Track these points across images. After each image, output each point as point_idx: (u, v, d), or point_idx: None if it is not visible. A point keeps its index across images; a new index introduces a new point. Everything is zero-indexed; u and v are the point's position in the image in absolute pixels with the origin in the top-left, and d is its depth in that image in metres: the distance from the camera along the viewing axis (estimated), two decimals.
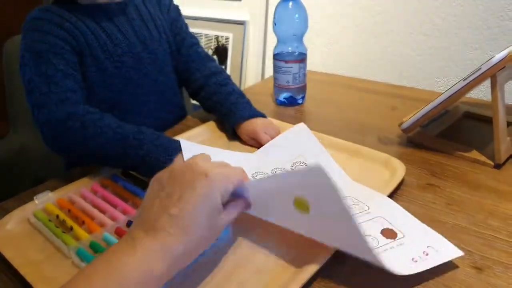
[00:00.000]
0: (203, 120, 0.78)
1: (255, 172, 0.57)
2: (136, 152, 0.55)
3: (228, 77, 0.80)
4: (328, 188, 0.36)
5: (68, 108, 0.57)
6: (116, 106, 0.69)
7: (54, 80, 0.59)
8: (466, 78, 0.59)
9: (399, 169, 0.57)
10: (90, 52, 0.65)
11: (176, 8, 0.81)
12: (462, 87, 0.59)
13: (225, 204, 0.40)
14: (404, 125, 0.67)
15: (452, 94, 0.61)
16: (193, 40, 0.82)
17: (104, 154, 0.56)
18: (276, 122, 0.74)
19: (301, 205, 0.40)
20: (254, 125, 0.68)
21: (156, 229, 0.35)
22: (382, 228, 0.46)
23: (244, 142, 0.70)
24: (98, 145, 0.56)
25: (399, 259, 0.41)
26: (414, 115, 0.66)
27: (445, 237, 0.45)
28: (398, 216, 0.48)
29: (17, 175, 0.90)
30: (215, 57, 1.27)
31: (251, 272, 0.42)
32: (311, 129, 0.70)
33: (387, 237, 0.44)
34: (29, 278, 0.40)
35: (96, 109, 0.59)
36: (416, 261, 0.41)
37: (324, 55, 1.23)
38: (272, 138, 0.66)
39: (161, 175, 0.40)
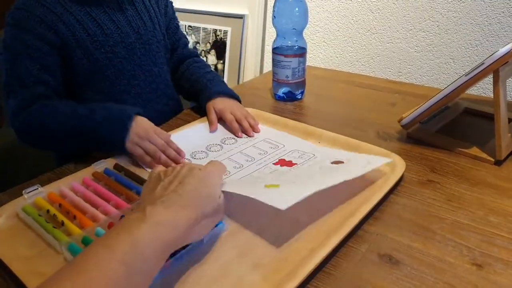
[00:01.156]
0: (202, 114, 0.77)
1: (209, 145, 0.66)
2: (96, 134, 0.58)
3: (207, 64, 0.85)
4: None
5: (26, 113, 0.61)
6: (110, 98, 0.69)
7: (25, 84, 0.61)
8: (469, 73, 0.58)
9: (399, 165, 0.57)
10: (78, 44, 0.64)
11: (172, 5, 0.81)
12: (464, 82, 0.58)
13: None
14: (404, 121, 0.66)
15: (453, 90, 0.60)
16: (185, 40, 0.84)
17: (67, 142, 0.60)
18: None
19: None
20: (224, 103, 0.71)
21: (166, 203, 0.38)
22: (331, 161, 0.56)
23: None
24: (59, 136, 0.60)
25: (351, 168, 0.52)
26: (414, 111, 0.65)
27: (445, 233, 0.46)
28: (338, 153, 0.60)
29: (13, 168, 0.88)
30: (213, 51, 1.26)
31: (249, 266, 0.41)
32: (310, 124, 0.70)
33: (337, 164, 0.55)
34: (20, 274, 0.39)
35: (55, 104, 0.62)
36: (364, 167, 0.52)
37: (323, 50, 1.22)
38: (237, 119, 0.69)
39: (158, 172, 0.44)
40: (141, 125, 0.59)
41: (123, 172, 0.57)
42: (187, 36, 1.25)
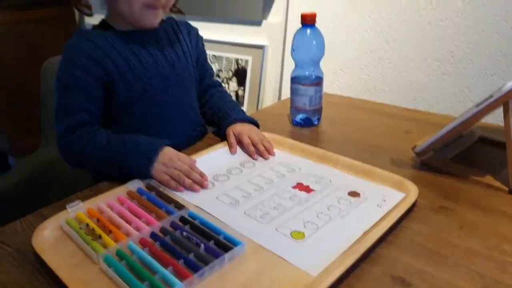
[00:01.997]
0: (222, 139, 0.81)
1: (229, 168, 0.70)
2: (126, 164, 0.65)
3: (229, 94, 0.93)
4: None
5: (69, 137, 0.69)
6: (144, 123, 0.75)
7: (70, 113, 0.69)
8: (479, 105, 0.60)
9: (412, 191, 0.59)
10: (121, 77, 0.71)
11: (202, 39, 0.88)
12: (475, 113, 0.61)
13: None
14: (418, 149, 0.69)
15: (464, 120, 0.62)
16: (211, 71, 0.91)
17: (104, 169, 0.67)
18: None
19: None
20: (242, 127, 0.77)
21: None
22: (347, 191, 0.61)
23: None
24: (96, 164, 0.67)
25: (368, 209, 0.56)
26: (428, 138, 0.67)
27: (457, 259, 0.47)
28: (355, 181, 0.64)
29: (48, 186, 0.94)
30: (234, 78, 1.32)
31: (268, 283, 0.44)
32: (326, 149, 0.73)
33: (354, 197, 0.60)
34: (66, 281, 0.43)
35: (100, 132, 0.69)
36: (380, 206, 0.56)
37: (340, 78, 1.26)
38: (253, 142, 0.75)
39: None
40: (167, 154, 0.66)
41: (155, 192, 0.61)
42: (211, 65, 1.32)
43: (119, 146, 0.66)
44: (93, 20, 0.80)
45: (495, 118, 0.98)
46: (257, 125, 0.81)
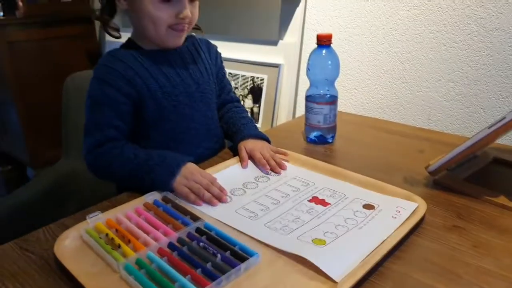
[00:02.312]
0: (236, 153, 0.83)
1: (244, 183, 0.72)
2: (148, 176, 0.68)
3: (245, 109, 0.95)
4: None
5: (98, 150, 0.72)
6: (170, 137, 0.78)
7: (100, 128, 0.72)
8: (491, 126, 0.61)
9: (421, 206, 0.60)
10: (150, 95, 0.75)
11: (221, 56, 0.92)
12: (487, 134, 0.61)
13: None
14: (431, 168, 0.69)
15: (477, 141, 0.62)
16: (230, 87, 0.94)
17: (128, 180, 0.70)
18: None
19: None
20: (254, 144, 0.79)
21: None
22: (362, 204, 0.62)
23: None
24: (122, 175, 0.71)
25: (384, 220, 0.58)
26: (441, 158, 0.68)
27: (470, 278, 0.48)
28: (368, 194, 0.65)
29: (67, 196, 0.98)
30: (250, 95, 1.35)
31: None
32: (339, 166, 0.74)
33: (369, 209, 0.61)
34: (88, 287, 0.46)
35: (127, 147, 0.73)
36: (395, 218, 0.58)
37: (354, 97, 1.28)
38: (264, 157, 0.77)
39: None
40: (189, 168, 0.68)
41: (171, 204, 0.63)
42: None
43: (145, 159, 0.69)
44: (112, 38, 0.84)
45: (511, 140, 0.99)
46: (268, 142, 0.83)
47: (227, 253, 0.51)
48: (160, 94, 0.75)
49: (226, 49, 1.35)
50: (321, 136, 0.90)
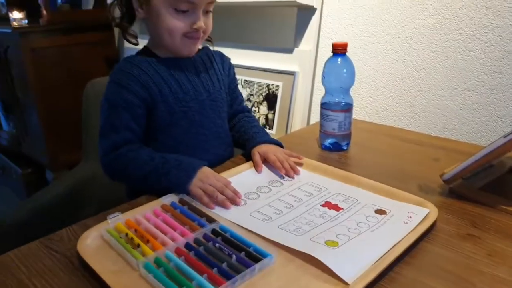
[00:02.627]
0: (248, 159, 0.85)
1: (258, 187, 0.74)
2: (165, 177, 0.70)
3: (256, 119, 0.98)
4: None
5: (114, 153, 0.74)
6: (182, 143, 0.81)
7: (116, 130, 0.75)
8: (507, 135, 0.61)
9: (432, 212, 0.61)
10: (162, 99, 0.78)
11: (233, 67, 0.94)
12: (503, 144, 0.61)
13: None
14: (446, 176, 0.69)
15: (492, 150, 0.63)
16: (241, 98, 0.97)
17: (143, 183, 0.72)
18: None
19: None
20: (268, 147, 0.82)
21: None
22: (374, 209, 0.64)
23: None
24: (137, 177, 0.72)
25: (396, 225, 0.58)
26: (456, 166, 0.68)
27: (484, 286, 0.48)
28: (380, 200, 0.66)
29: (86, 199, 1.00)
30: (265, 102, 1.36)
31: None
32: (354, 173, 0.75)
33: (381, 214, 0.62)
34: (111, 284, 0.48)
35: (143, 150, 0.76)
36: (407, 223, 0.59)
37: (369, 104, 1.29)
38: (279, 160, 0.78)
39: None
40: (204, 172, 0.70)
41: (187, 206, 0.66)
42: (243, 89, 1.37)
43: (161, 162, 0.72)
44: (129, 45, 0.87)
45: None
46: (281, 147, 0.85)
47: (242, 254, 0.53)
48: (172, 100, 0.78)
49: (242, 57, 1.38)
50: (336, 143, 0.91)
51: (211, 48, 0.91)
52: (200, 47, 0.85)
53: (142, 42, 0.86)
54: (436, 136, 1.02)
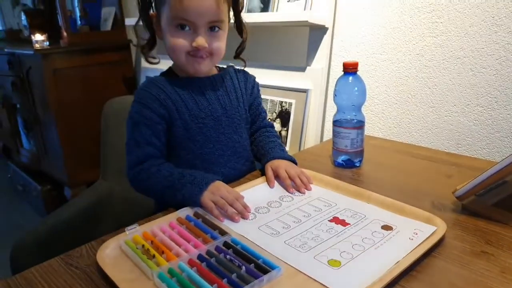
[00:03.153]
0: (263, 174, 0.87)
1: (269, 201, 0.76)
2: (179, 192, 0.73)
3: (277, 134, 1.00)
4: None
5: (139, 167, 0.79)
6: (197, 156, 0.84)
7: (139, 145, 0.80)
8: None
9: (441, 226, 0.61)
10: (179, 116, 0.81)
11: (258, 86, 0.97)
12: None
13: None
14: (458, 193, 0.69)
15: (505, 166, 0.62)
16: (264, 114, 1.00)
17: (162, 196, 0.76)
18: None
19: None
20: (280, 163, 0.84)
21: None
22: (381, 225, 0.65)
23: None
24: (157, 191, 0.77)
25: (401, 241, 0.59)
26: (468, 183, 0.68)
27: None
28: (388, 215, 0.68)
29: (104, 216, 1.03)
30: (278, 119, 1.38)
31: None
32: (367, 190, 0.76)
33: (387, 230, 0.63)
34: None
35: (164, 165, 0.79)
36: (412, 239, 0.59)
37: (382, 121, 1.29)
38: (290, 176, 0.80)
39: None
40: (216, 185, 0.73)
41: (201, 219, 0.68)
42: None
43: (178, 177, 0.75)
44: (146, 65, 0.91)
45: None
46: (295, 163, 0.87)
47: (251, 265, 0.54)
48: (188, 116, 0.82)
49: (256, 75, 1.40)
50: (348, 160, 0.91)
51: (238, 67, 0.94)
52: (224, 65, 0.89)
53: (166, 63, 0.89)
54: (448, 152, 1.02)
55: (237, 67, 0.96)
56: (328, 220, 0.67)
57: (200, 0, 0.74)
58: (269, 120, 1.40)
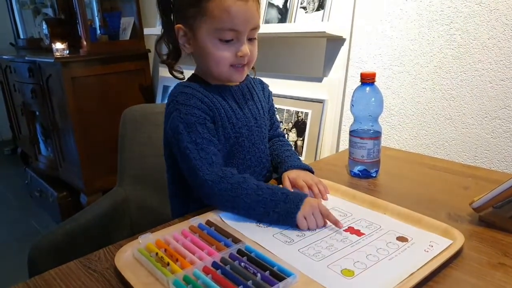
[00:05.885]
0: (279, 183, 0.87)
1: None
2: (273, 210, 0.69)
3: (289, 143, 0.99)
4: None
5: (217, 171, 0.73)
6: (229, 165, 0.82)
7: (201, 147, 0.74)
8: None
9: (458, 239, 0.60)
10: (221, 123, 0.80)
11: (271, 94, 0.97)
12: None
13: None
14: (475, 204, 0.68)
15: None
16: (278, 123, 1.00)
17: (248, 211, 0.71)
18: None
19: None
20: (297, 173, 0.83)
21: None
22: (396, 236, 0.64)
23: None
24: (244, 204, 0.71)
25: (415, 253, 0.59)
26: (486, 194, 0.67)
27: None
28: (403, 227, 0.67)
29: (120, 222, 1.04)
30: (294, 129, 1.39)
31: None
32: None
33: (402, 241, 0.62)
34: None
35: (235, 170, 0.76)
36: (427, 252, 0.59)
37: (398, 132, 1.28)
38: (308, 185, 0.80)
39: None
40: (309, 202, 0.70)
41: (214, 227, 0.68)
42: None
43: (269, 193, 0.71)
44: (165, 72, 0.89)
45: None
46: (311, 172, 0.86)
47: (267, 273, 0.54)
48: (227, 124, 0.80)
49: (273, 85, 1.41)
50: (365, 170, 0.91)
51: (251, 76, 0.93)
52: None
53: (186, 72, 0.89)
54: (465, 164, 1.01)
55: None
56: (343, 230, 0.67)
57: (246, 5, 0.74)
58: (284, 130, 1.41)
